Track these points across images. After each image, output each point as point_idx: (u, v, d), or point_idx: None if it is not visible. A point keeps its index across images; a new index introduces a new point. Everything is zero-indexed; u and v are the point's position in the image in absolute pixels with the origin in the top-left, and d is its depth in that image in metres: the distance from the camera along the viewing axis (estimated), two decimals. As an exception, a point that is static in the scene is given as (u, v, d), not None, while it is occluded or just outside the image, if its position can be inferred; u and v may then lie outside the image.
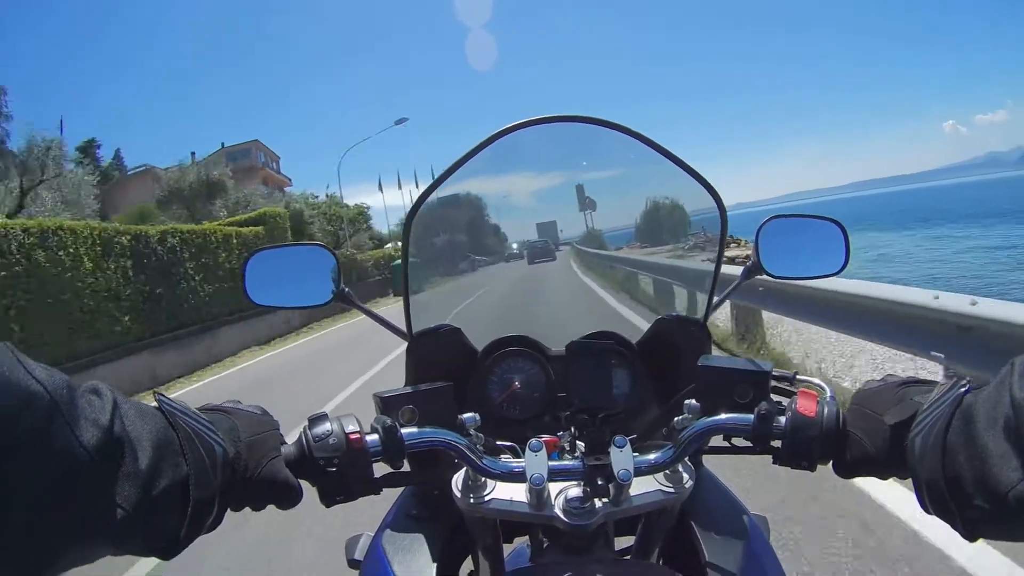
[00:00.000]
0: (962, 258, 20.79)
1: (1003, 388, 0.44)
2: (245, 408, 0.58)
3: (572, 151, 0.95)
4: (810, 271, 0.96)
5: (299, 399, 5.74)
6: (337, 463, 0.56)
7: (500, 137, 0.79)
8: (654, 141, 0.81)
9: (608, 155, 0.93)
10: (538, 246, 1.16)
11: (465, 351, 0.91)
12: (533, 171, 0.99)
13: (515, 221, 1.09)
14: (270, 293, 0.88)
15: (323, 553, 2.49)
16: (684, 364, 0.81)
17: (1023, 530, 0.45)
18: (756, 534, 0.73)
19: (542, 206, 1.07)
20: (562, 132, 0.85)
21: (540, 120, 0.80)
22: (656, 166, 0.82)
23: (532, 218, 1.09)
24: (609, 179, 1.02)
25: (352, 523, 1.29)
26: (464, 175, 0.81)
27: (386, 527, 0.77)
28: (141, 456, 0.42)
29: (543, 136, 0.83)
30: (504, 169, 0.93)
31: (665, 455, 0.63)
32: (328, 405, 4.99)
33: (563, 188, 1.02)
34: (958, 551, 1.97)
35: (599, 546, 0.65)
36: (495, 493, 0.62)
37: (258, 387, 7.19)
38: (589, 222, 1.07)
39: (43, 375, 0.37)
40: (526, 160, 0.93)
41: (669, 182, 0.87)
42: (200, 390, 8.03)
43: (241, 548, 2.68)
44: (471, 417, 0.64)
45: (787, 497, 2.48)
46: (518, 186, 1.00)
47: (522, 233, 1.13)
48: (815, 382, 0.70)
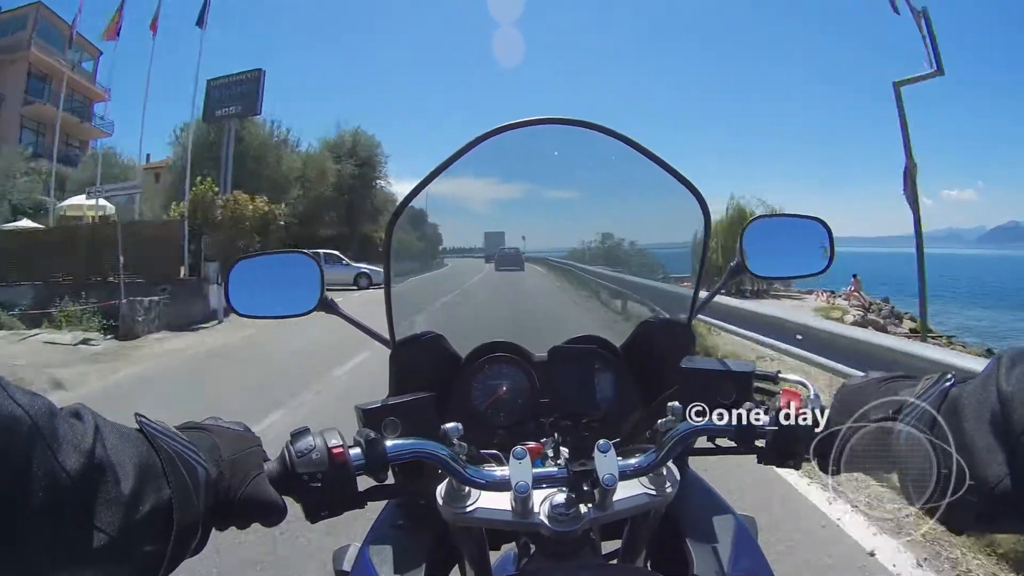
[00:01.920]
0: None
1: (990, 382, 0.44)
2: (226, 425, 0.58)
3: (556, 156, 0.95)
4: (795, 270, 0.96)
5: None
6: (321, 478, 0.55)
7: (483, 141, 0.78)
8: (640, 144, 0.80)
9: (591, 161, 0.93)
10: (509, 253, 1.15)
11: (448, 358, 0.91)
12: (498, 179, 0.99)
13: (475, 226, 1.10)
14: (254, 303, 0.87)
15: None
16: (668, 366, 0.81)
17: (1009, 524, 0.45)
18: (743, 535, 0.73)
19: (500, 214, 1.07)
20: (549, 137, 0.85)
21: (523, 123, 0.80)
22: (639, 169, 0.82)
23: (487, 226, 1.09)
24: (588, 189, 1.02)
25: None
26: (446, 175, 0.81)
27: (373, 538, 0.76)
28: (123, 480, 0.41)
29: (525, 140, 0.83)
30: (475, 174, 0.92)
31: (649, 458, 0.63)
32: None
33: (528, 201, 1.02)
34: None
35: (586, 551, 0.65)
36: (480, 502, 0.62)
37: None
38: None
39: (25, 400, 0.37)
40: (497, 165, 0.93)
41: (653, 184, 0.87)
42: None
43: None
44: (454, 427, 0.64)
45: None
46: (481, 193, 0.99)
47: (469, 239, 1.14)
48: (798, 380, 0.70)
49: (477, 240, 1.16)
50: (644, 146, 0.80)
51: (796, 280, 7.39)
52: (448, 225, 1.08)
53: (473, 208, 1.03)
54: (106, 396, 5.60)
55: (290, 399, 5.18)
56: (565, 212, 1.07)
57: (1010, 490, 0.42)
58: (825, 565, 2.21)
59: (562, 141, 0.89)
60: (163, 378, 6.61)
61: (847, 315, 13.72)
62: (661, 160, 0.81)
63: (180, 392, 5.78)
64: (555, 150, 0.92)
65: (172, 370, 7.07)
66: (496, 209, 1.05)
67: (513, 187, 1.03)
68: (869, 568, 2.17)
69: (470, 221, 1.09)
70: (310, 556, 2.45)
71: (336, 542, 0.88)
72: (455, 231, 1.13)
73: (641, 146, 0.81)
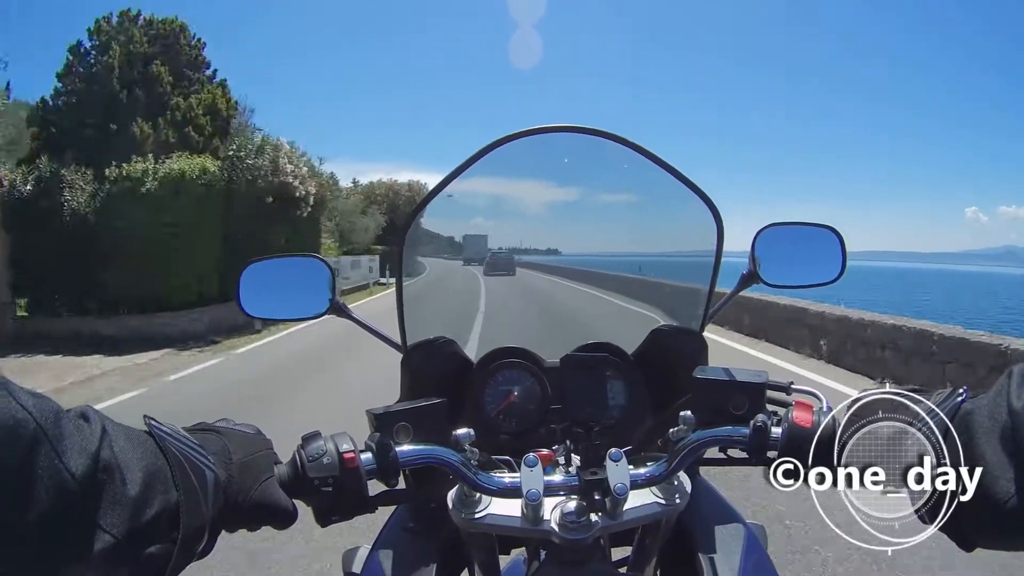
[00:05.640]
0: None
1: (1001, 397, 0.44)
2: (237, 427, 0.58)
3: (566, 164, 0.95)
4: (807, 279, 0.95)
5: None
6: (332, 483, 0.56)
7: (493, 149, 0.79)
8: (655, 154, 0.80)
9: (607, 170, 0.93)
10: (501, 258, 1.14)
11: (459, 362, 0.91)
12: (504, 184, 0.99)
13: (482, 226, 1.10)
14: (265, 305, 0.88)
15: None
16: (680, 375, 0.81)
17: (1019, 541, 0.44)
18: (753, 544, 0.73)
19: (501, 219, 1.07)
20: (563, 145, 0.85)
21: (536, 131, 0.80)
22: (651, 178, 0.82)
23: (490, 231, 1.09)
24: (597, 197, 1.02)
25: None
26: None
27: (383, 540, 0.77)
28: (130, 483, 0.42)
29: (535, 148, 0.83)
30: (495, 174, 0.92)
31: (661, 468, 0.63)
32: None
33: (534, 208, 1.02)
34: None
35: (596, 559, 0.65)
36: (491, 508, 0.62)
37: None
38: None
39: (30, 402, 0.37)
40: (504, 172, 0.93)
41: (665, 194, 0.87)
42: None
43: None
44: (465, 433, 0.64)
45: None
46: (485, 198, 0.99)
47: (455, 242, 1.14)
48: (811, 392, 0.69)
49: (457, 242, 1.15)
50: (657, 155, 0.80)
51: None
52: (454, 229, 1.07)
53: (476, 214, 1.03)
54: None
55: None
56: (574, 219, 1.07)
57: (1019, 507, 0.42)
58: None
59: (572, 149, 0.89)
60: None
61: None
62: (674, 169, 0.81)
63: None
64: (565, 157, 0.92)
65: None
66: (497, 215, 1.05)
67: (518, 193, 1.03)
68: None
69: (475, 227, 1.09)
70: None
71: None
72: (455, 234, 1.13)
73: (654, 155, 0.81)
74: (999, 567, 2.15)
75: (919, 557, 2.26)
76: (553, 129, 0.81)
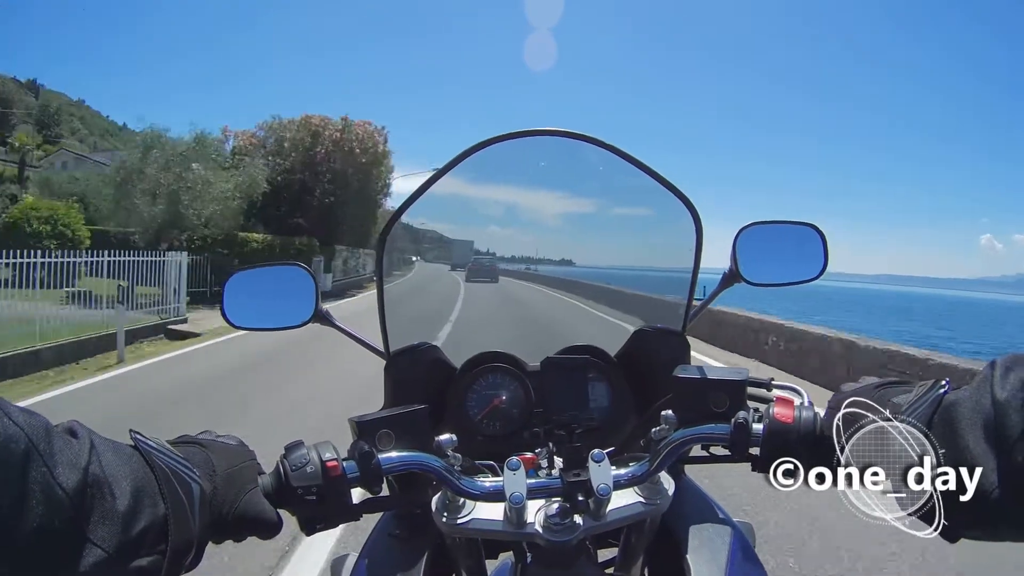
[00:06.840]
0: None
1: (984, 389, 0.44)
2: (220, 439, 0.58)
3: (543, 168, 0.95)
4: (789, 277, 0.96)
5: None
6: (316, 491, 0.56)
7: (472, 153, 0.79)
8: (632, 156, 0.81)
9: (584, 173, 0.93)
10: (483, 264, 1.14)
11: (443, 368, 0.91)
12: (484, 189, 0.99)
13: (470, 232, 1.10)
14: (249, 315, 0.88)
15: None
16: (662, 375, 0.82)
17: (1004, 531, 0.45)
18: (740, 542, 0.73)
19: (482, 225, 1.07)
20: (539, 148, 0.85)
21: (513, 135, 0.80)
22: (631, 180, 0.82)
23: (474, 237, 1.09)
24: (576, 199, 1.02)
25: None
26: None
27: (371, 548, 0.76)
28: (119, 497, 0.42)
29: (514, 152, 0.84)
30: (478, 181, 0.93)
31: (643, 467, 0.63)
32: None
33: (513, 212, 1.02)
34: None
35: (581, 561, 0.65)
36: (475, 513, 0.62)
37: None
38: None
39: (21, 418, 0.38)
40: (483, 177, 0.93)
41: (645, 196, 0.88)
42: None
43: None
44: (448, 439, 0.64)
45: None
46: (467, 203, 0.99)
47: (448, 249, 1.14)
48: (791, 387, 0.70)
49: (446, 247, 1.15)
50: (635, 157, 0.81)
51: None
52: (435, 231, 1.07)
53: (457, 219, 1.03)
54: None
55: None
56: (555, 224, 1.08)
57: (1004, 498, 0.42)
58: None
59: (552, 152, 0.89)
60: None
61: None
62: (653, 171, 0.81)
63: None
64: (542, 161, 0.93)
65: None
66: (478, 220, 1.05)
67: (499, 198, 1.03)
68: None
69: (455, 230, 1.08)
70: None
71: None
72: (437, 239, 1.13)
73: (632, 157, 0.81)
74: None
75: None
76: (532, 133, 0.82)
